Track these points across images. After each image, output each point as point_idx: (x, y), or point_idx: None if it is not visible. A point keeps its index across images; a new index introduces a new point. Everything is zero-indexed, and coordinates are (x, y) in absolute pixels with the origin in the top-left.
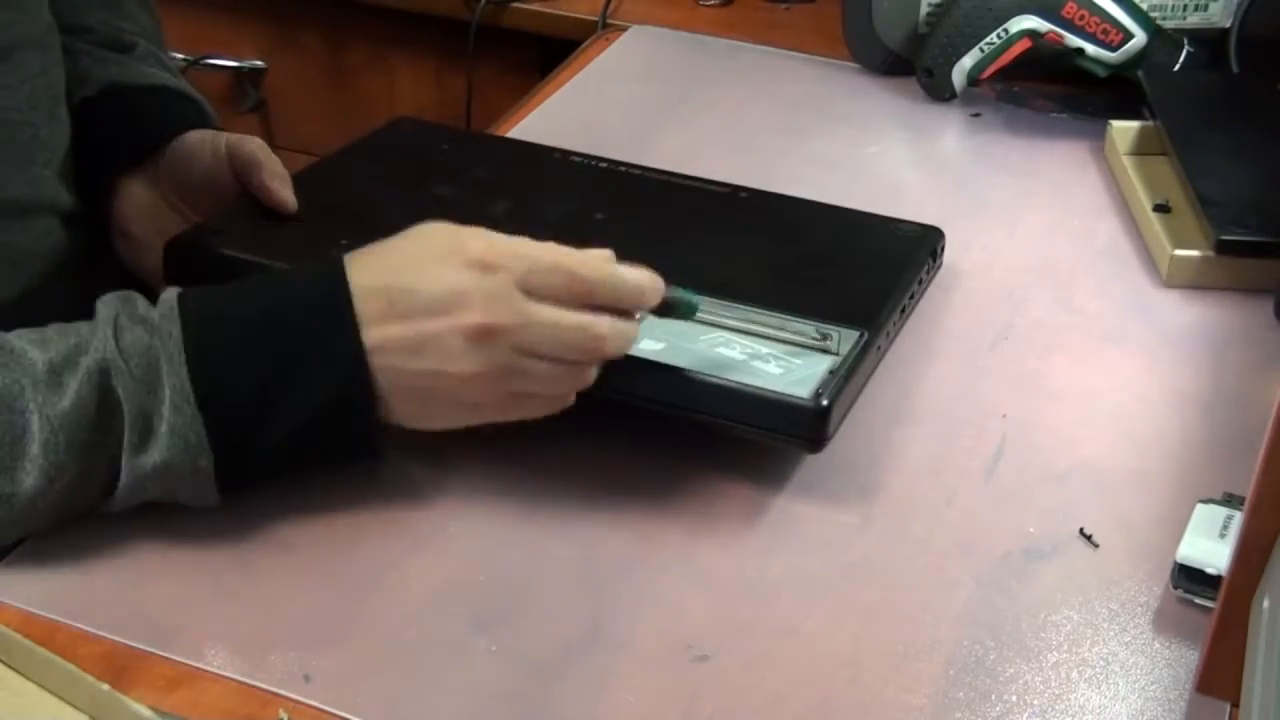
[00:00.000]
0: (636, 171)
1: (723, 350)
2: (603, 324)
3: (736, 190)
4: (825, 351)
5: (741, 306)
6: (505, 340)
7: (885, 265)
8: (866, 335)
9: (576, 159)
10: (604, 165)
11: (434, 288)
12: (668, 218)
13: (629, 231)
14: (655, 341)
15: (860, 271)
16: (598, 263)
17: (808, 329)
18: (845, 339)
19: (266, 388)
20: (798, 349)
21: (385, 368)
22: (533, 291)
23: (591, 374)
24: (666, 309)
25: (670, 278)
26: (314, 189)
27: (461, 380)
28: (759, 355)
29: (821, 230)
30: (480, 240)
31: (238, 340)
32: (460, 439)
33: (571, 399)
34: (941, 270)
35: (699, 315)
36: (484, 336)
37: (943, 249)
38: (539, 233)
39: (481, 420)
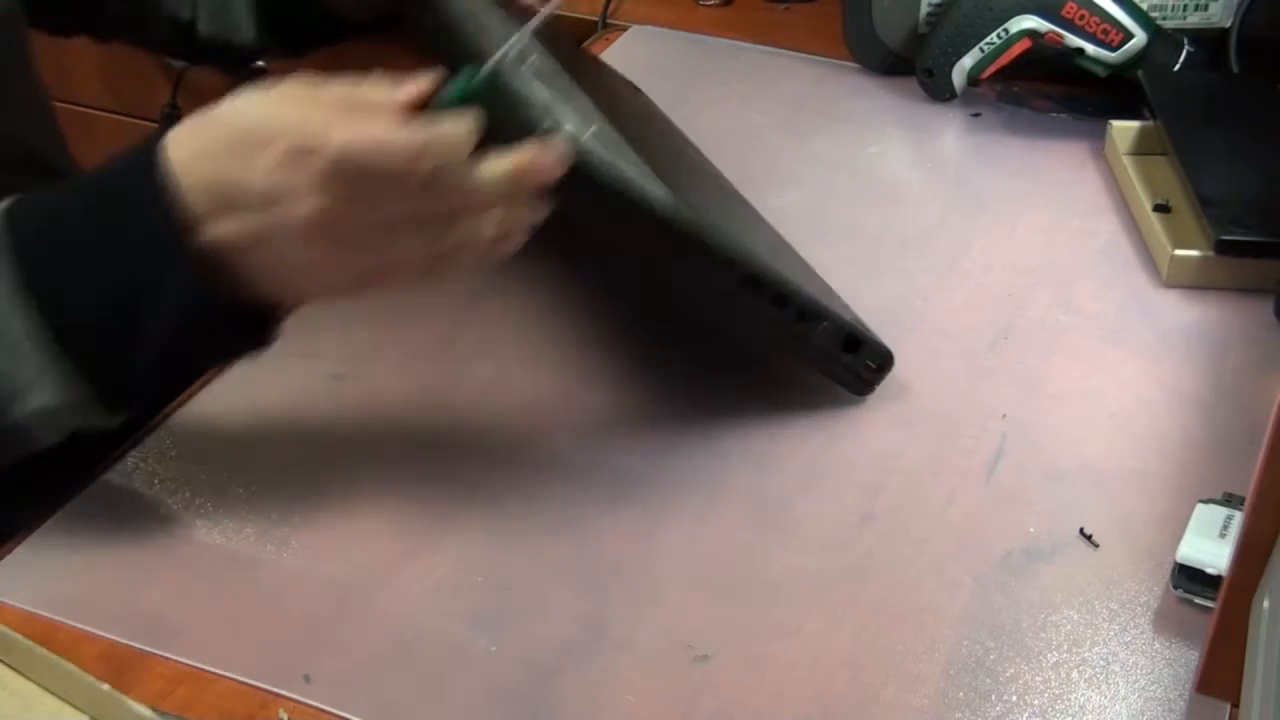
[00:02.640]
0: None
1: None
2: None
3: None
4: None
5: None
6: (345, 220)
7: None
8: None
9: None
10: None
11: (257, 181)
12: None
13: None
14: None
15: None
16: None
17: None
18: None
19: (121, 322)
20: None
21: (233, 263)
22: (357, 164)
23: (478, 223)
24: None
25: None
26: None
27: (315, 262)
28: None
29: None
30: (291, 124)
31: (79, 271)
32: (461, 434)
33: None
34: (942, 271)
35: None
36: (322, 220)
37: (873, 370)
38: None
39: (381, 283)
